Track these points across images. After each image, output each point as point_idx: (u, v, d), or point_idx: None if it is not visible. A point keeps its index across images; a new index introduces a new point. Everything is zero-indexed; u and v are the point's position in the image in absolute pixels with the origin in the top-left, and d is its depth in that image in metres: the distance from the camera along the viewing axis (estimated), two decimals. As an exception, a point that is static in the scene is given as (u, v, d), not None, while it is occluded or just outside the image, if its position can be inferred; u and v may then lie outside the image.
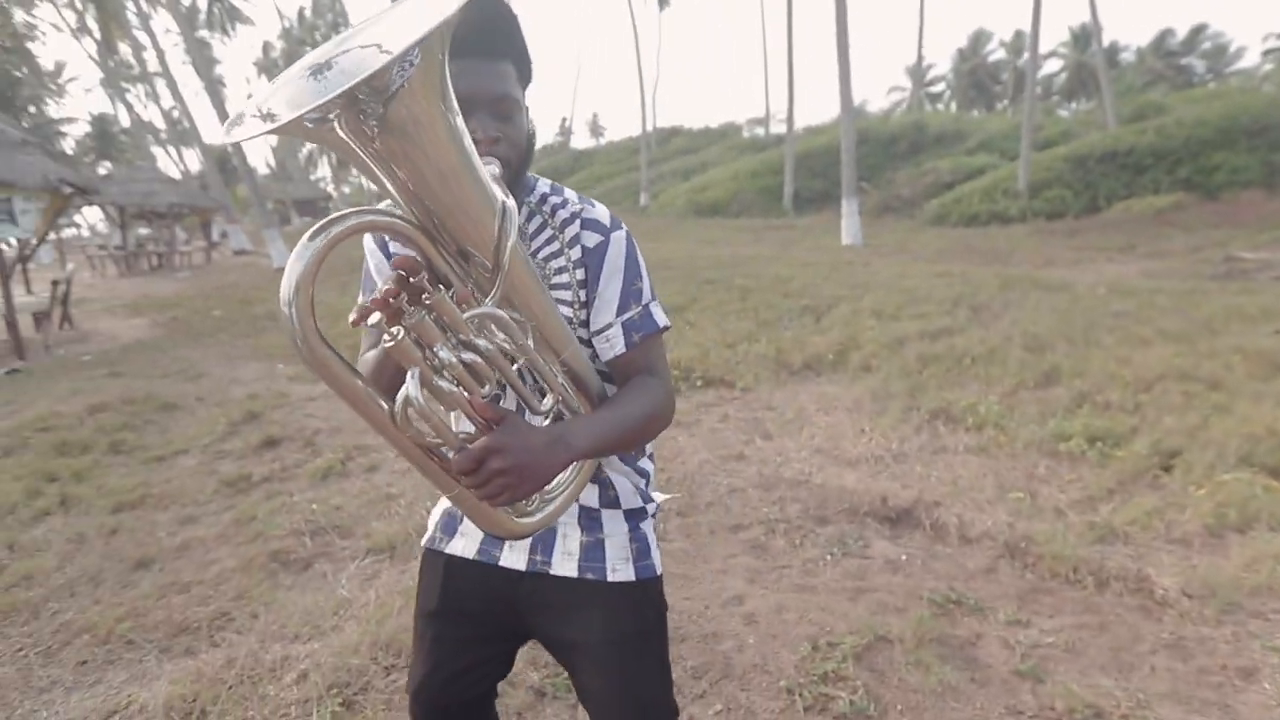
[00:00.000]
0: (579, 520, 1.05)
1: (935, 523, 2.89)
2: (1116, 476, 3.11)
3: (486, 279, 0.77)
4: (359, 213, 0.67)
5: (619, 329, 0.96)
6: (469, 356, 0.73)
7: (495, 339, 0.75)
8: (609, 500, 1.05)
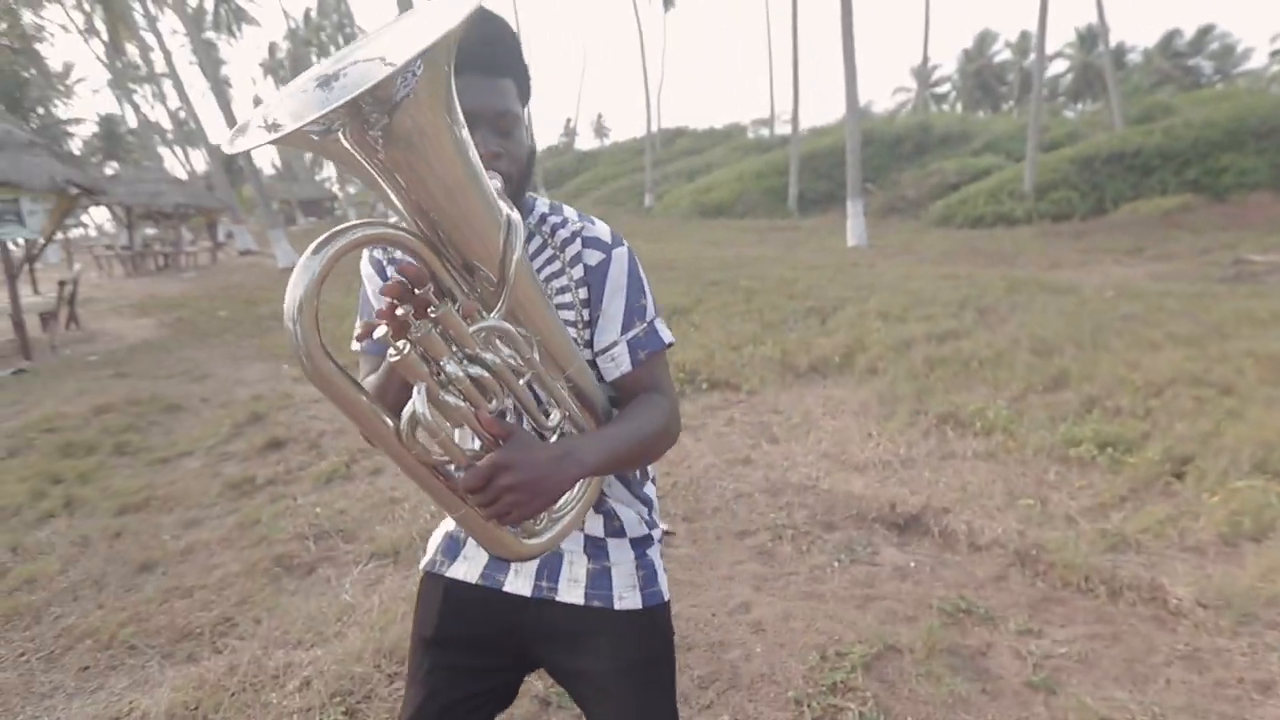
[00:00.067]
0: (584, 549, 1.03)
1: (944, 529, 2.86)
2: (1128, 483, 3.07)
3: (491, 293, 0.75)
4: (363, 225, 0.65)
5: (624, 347, 0.95)
6: (476, 371, 0.71)
7: (501, 354, 0.73)
8: (614, 530, 1.04)
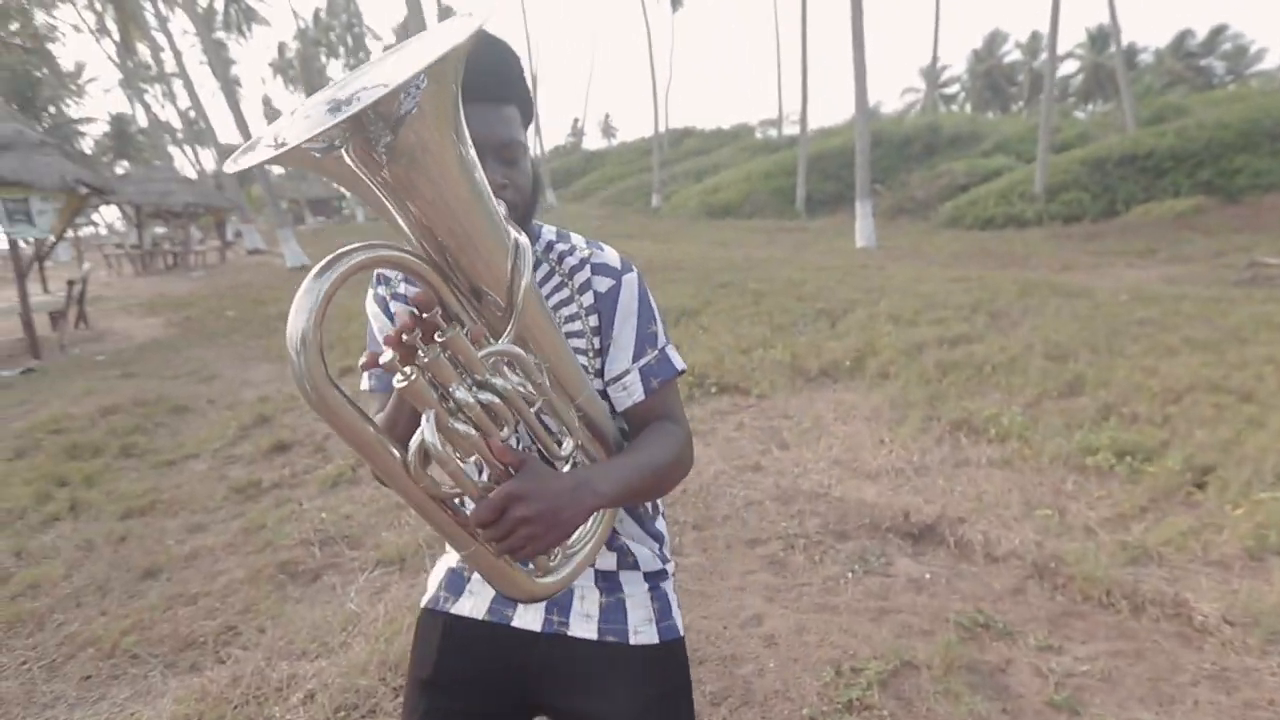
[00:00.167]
0: (596, 583, 0.99)
1: (960, 540, 2.80)
2: (1148, 493, 3.01)
3: (499, 319, 0.72)
4: (367, 247, 0.62)
5: (636, 375, 0.92)
6: (486, 397, 0.67)
7: (511, 380, 0.69)
8: (628, 564, 1.00)
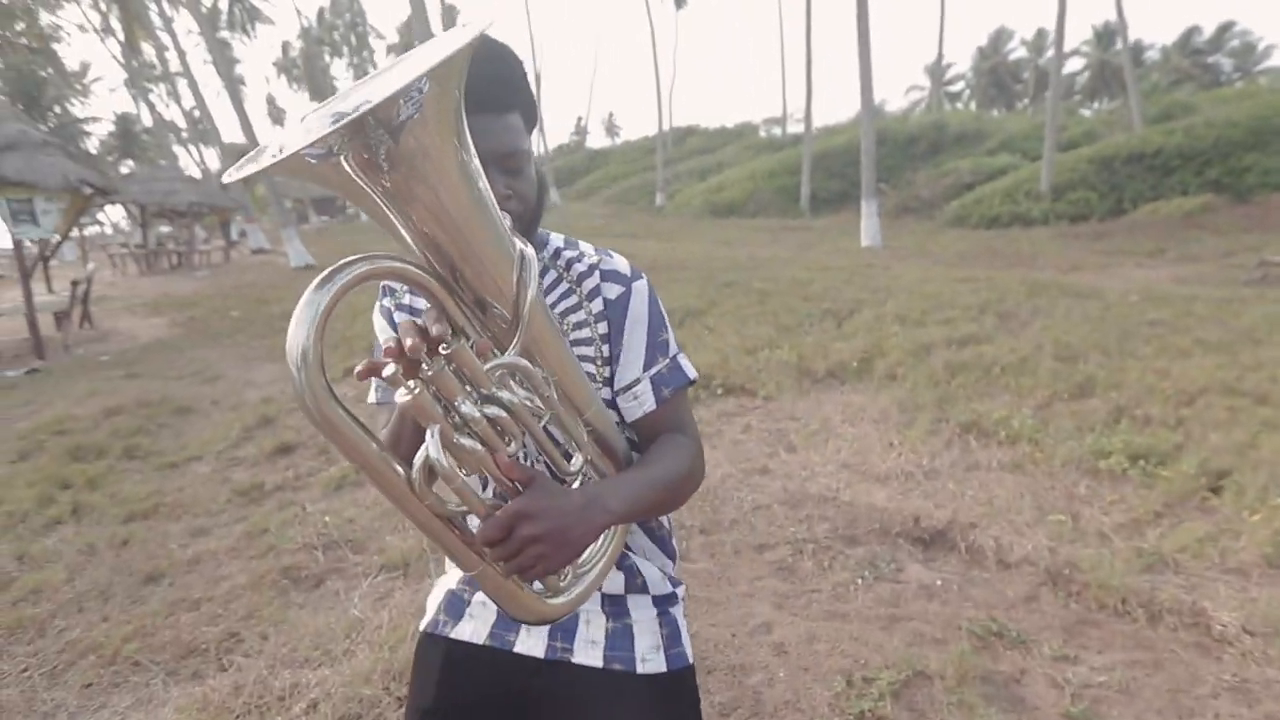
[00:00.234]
0: (603, 607, 0.95)
1: (971, 545, 2.76)
2: (1162, 498, 2.96)
3: (504, 332, 0.69)
4: (368, 259, 0.58)
5: (647, 384, 0.89)
6: (493, 411, 0.64)
7: (518, 394, 0.66)
8: (636, 587, 0.96)
